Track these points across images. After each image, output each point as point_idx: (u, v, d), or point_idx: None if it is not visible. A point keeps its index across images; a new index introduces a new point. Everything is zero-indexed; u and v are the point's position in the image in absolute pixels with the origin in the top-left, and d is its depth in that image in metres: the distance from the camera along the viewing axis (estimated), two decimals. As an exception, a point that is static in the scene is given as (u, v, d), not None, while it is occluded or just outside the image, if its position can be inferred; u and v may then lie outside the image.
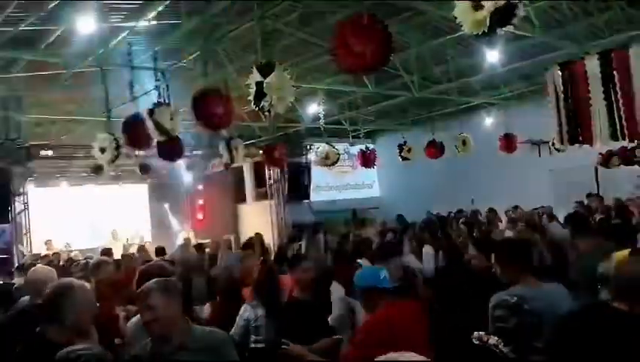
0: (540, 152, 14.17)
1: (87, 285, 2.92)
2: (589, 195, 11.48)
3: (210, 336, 2.71)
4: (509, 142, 12.73)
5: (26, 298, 4.11)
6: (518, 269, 3.17)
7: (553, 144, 10.31)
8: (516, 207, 11.43)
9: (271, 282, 4.48)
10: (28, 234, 12.62)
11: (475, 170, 14.61)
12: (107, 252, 9.08)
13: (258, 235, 10.82)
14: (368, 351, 2.41)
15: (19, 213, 12.70)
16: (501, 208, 11.72)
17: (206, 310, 5.14)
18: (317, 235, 10.78)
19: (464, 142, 13.02)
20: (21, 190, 12.76)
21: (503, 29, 3.13)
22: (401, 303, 3.36)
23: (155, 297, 2.55)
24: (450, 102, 14.15)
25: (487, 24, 3.04)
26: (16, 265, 11.08)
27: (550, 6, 8.87)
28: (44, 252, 12.49)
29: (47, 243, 12.93)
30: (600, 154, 11.59)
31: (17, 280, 8.09)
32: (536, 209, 11.13)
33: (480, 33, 3.13)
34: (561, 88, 6.48)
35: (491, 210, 11.66)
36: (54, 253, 11.88)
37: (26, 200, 12.80)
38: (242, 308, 4.41)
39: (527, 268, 3.20)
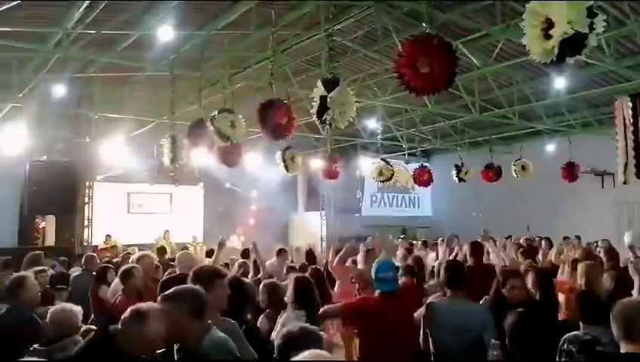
0: (603, 183, 13.69)
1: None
2: (656, 231, 10.99)
3: (219, 341, 2.81)
4: (571, 171, 12.36)
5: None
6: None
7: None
8: (578, 237, 10.98)
9: (313, 290, 4.46)
10: (90, 227, 13.19)
11: (532, 197, 14.24)
12: (162, 251, 9.37)
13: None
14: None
15: (83, 205, 13.31)
16: (558, 238, 11.35)
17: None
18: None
19: (523, 168, 12.72)
20: (87, 184, 13.38)
21: (573, 58, 3.10)
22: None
23: (163, 305, 2.78)
24: (511, 126, 13.91)
25: (556, 53, 3.03)
26: (77, 254, 11.62)
27: (623, 35, 8.62)
28: (101, 245, 13.01)
29: (107, 237, 13.43)
30: (667, 191, 11.09)
31: (74, 269, 8.46)
32: (596, 242, 10.73)
33: (548, 62, 3.11)
34: (630, 120, 6.30)
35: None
36: (112, 246, 12.36)
37: (90, 194, 13.39)
38: (285, 316, 4.36)
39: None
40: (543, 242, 10.27)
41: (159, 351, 2.91)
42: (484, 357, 3.58)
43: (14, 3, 6.56)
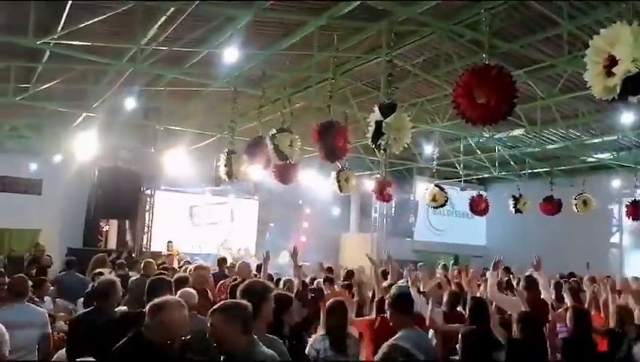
0: (672, 224, 12.98)
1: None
2: None
3: (266, 355, 2.91)
4: (637, 209, 11.81)
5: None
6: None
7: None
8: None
9: (342, 315, 4.52)
10: (149, 233, 13.66)
11: (594, 234, 13.68)
12: (223, 260, 9.62)
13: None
14: None
15: (144, 212, 13.83)
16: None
17: None
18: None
19: (585, 203, 12.26)
20: (149, 192, 13.91)
21: (636, 97, 3.03)
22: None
23: (215, 317, 2.91)
24: (574, 159, 13.48)
25: (618, 91, 2.97)
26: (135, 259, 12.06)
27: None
28: (164, 251, 13.36)
29: (169, 244, 13.77)
30: None
31: (132, 273, 8.78)
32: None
33: (610, 99, 3.06)
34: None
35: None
36: (169, 254, 12.69)
37: (152, 202, 13.90)
38: (313, 338, 4.53)
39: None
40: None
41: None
42: None
43: (95, 20, 7.00)
